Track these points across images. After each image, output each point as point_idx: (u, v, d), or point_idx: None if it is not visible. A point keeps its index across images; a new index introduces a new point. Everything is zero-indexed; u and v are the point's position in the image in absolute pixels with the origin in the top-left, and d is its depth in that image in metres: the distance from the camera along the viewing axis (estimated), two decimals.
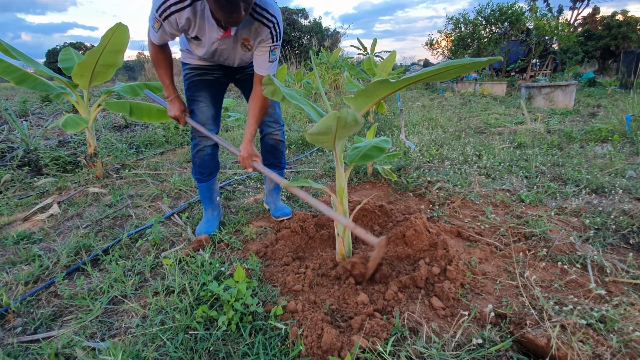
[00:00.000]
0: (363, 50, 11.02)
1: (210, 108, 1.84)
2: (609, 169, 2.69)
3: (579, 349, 1.01)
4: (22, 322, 1.31)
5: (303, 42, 21.11)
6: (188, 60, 1.81)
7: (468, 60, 0.98)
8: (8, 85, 15.81)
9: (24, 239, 1.93)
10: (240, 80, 1.96)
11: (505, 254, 1.62)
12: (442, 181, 2.52)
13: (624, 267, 1.47)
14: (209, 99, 1.84)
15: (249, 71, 1.89)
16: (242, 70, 1.91)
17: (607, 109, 5.85)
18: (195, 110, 1.82)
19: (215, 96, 1.86)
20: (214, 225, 1.95)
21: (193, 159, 1.92)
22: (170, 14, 1.40)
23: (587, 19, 20.41)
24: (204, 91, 1.82)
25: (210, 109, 1.84)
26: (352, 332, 1.14)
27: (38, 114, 6.05)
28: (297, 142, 3.98)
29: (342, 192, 1.50)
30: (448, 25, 14.46)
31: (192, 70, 1.80)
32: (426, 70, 1.06)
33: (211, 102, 1.84)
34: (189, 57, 1.80)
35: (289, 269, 1.53)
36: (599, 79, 12.18)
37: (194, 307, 1.28)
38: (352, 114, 1.10)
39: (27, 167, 3.13)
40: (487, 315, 1.18)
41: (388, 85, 1.12)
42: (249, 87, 1.88)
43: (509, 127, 4.65)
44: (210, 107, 1.83)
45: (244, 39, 1.57)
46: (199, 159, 1.89)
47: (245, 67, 1.90)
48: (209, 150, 1.88)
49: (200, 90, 1.81)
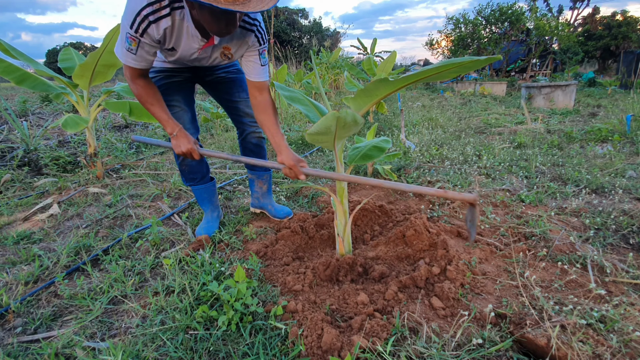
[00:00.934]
0: (363, 50, 11.01)
1: (187, 112, 1.71)
2: (609, 169, 2.69)
3: (579, 349, 1.01)
4: (22, 322, 1.31)
5: (303, 42, 21.11)
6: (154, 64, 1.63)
7: (467, 59, 0.98)
8: (8, 85, 15.81)
9: (24, 239, 1.93)
10: (210, 82, 1.81)
11: (505, 254, 1.62)
12: (442, 181, 2.52)
13: (624, 267, 1.47)
14: (182, 102, 1.69)
15: (220, 73, 1.77)
16: (212, 72, 1.77)
17: (607, 109, 5.85)
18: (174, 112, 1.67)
19: (187, 98, 1.73)
20: (214, 226, 1.93)
21: (180, 167, 1.81)
22: (148, 26, 1.23)
23: (587, 19, 20.41)
24: (175, 94, 1.67)
25: (186, 113, 1.70)
26: (352, 332, 1.14)
27: (38, 114, 6.05)
28: (297, 142, 3.98)
29: (342, 192, 1.50)
30: (448, 25, 14.47)
31: (157, 73, 1.64)
32: (426, 69, 1.06)
33: (185, 104, 1.71)
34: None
35: (289, 269, 1.53)
36: (599, 79, 12.18)
37: (194, 307, 1.28)
38: (351, 114, 1.10)
39: (27, 167, 3.13)
40: (487, 315, 1.18)
41: (387, 84, 1.12)
42: (220, 89, 1.80)
43: (509, 127, 4.65)
44: (187, 111, 1.71)
45: (224, 47, 1.48)
46: (186, 166, 1.80)
47: (216, 69, 1.77)
48: None
49: (171, 94, 1.66)
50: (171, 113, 1.59)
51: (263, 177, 2.06)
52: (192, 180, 1.86)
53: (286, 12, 21.67)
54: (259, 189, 2.09)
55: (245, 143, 1.95)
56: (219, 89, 1.82)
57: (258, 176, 2.05)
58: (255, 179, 2.06)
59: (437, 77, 1.12)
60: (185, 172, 1.83)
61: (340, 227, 1.55)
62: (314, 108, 1.55)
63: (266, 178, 2.07)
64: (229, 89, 1.82)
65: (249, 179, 2.09)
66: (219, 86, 1.81)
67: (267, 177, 2.07)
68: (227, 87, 1.82)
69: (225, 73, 1.79)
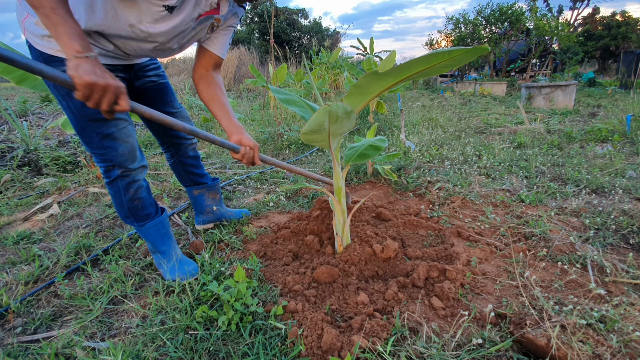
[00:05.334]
0: (363, 50, 11.01)
1: (132, 127, 1.29)
2: (609, 169, 2.69)
3: (579, 349, 1.01)
4: (22, 322, 1.31)
5: (303, 42, 21.11)
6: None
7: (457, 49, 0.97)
8: (8, 85, 15.81)
9: (24, 239, 1.93)
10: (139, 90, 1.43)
11: (505, 254, 1.62)
12: (442, 181, 2.52)
13: (624, 267, 1.47)
14: (127, 115, 1.28)
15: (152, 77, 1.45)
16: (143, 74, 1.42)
17: (607, 109, 5.85)
18: (116, 134, 1.21)
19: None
20: (190, 262, 1.53)
21: (129, 205, 1.34)
22: None
23: (587, 19, 20.40)
24: None
25: (133, 128, 1.29)
26: (352, 332, 1.14)
27: (38, 114, 6.05)
28: (297, 142, 3.98)
29: (340, 191, 1.50)
30: (448, 25, 14.46)
31: None
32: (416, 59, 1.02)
33: (129, 116, 1.31)
34: None
35: (289, 269, 1.53)
36: (599, 79, 12.18)
37: (194, 307, 1.28)
38: (342, 106, 1.08)
39: (27, 167, 3.13)
40: (487, 315, 1.18)
41: (379, 77, 1.08)
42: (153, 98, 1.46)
43: (509, 127, 4.65)
44: (132, 126, 1.29)
45: (216, 19, 1.23)
46: (139, 200, 1.36)
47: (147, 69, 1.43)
48: (144, 183, 1.38)
49: None
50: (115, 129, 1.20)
51: (214, 187, 1.85)
52: (146, 217, 1.41)
53: (286, 12, 21.68)
54: (212, 201, 1.84)
55: (182, 159, 1.70)
56: (152, 97, 1.47)
57: (208, 188, 1.81)
58: (206, 192, 1.81)
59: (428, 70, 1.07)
60: (138, 208, 1.37)
61: (339, 227, 1.55)
62: (310, 109, 1.55)
63: (217, 186, 1.88)
64: (163, 97, 1.50)
65: (195, 196, 1.81)
66: (151, 94, 1.47)
67: (218, 185, 1.88)
68: (162, 94, 1.50)
69: (157, 77, 1.48)
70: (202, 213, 1.90)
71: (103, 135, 1.19)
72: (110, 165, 1.26)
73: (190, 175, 1.78)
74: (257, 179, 2.89)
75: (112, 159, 1.24)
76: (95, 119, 1.16)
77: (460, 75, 14.82)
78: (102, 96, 0.94)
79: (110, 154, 1.23)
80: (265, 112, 5.87)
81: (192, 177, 1.78)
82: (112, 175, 1.28)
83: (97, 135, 1.18)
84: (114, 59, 1.23)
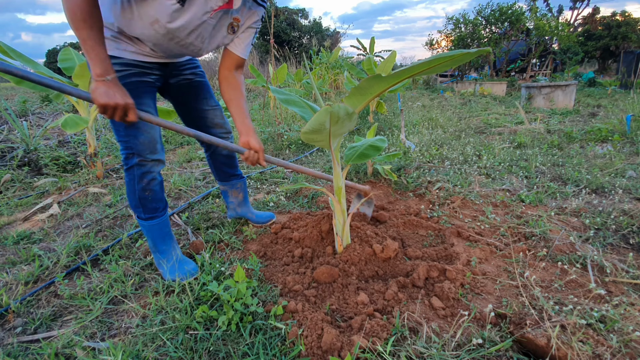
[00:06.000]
0: (363, 50, 11.02)
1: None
2: (609, 169, 2.69)
3: (579, 349, 1.01)
4: (22, 322, 1.31)
5: (303, 42, 21.11)
6: (114, 52, 1.27)
7: (458, 52, 0.98)
8: (8, 85, 15.80)
9: (24, 239, 1.93)
10: (175, 86, 1.52)
11: (505, 254, 1.62)
12: (442, 181, 2.52)
13: (624, 267, 1.47)
14: (153, 109, 1.39)
15: (187, 74, 1.53)
16: (179, 72, 1.51)
17: (607, 109, 5.85)
18: (139, 124, 1.32)
19: (155, 106, 1.43)
20: (190, 261, 1.56)
21: (140, 195, 1.41)
22: None
23: (587, 19, 20.40)
24: (146, 98, 1.36)
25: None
26: (352, 332, 1.14)
27: (38, 114, 6.05)
28: (297, 142, 3.98)
29: (340, 191, 1.50)
30: (448, 25, 14.46)
31: (126, 67, 1.29)
32: (418, 63, 1.05)
33: (154, 110, 1.40)
34: (116, 47, 1.27)
35: (289, 269, 1.53)
36: (599, 79, 12.19)
37: (194, 307, 1.28)
38: (343, 107, 1.09)
39: (27, 167, 3.13)
40: (487, 315, 1.18)
41: (380, 80, 1.10)
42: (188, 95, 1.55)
43: (509, 127, 4.65)
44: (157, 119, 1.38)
45: (235, 18, 1.29)
46: (150, 191, 1.43)
47: (184, 68, 1.52)
48: (159, 177, 1.46)
49: (142, 95, 1.33)
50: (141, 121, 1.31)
51: (237, 187, 1.90)
52: (154, 211, 1.47)
53: (286, 12, 21.67)
54: (235, 199, 1.93)
55: (215, 157, 1.77)
56: (187, 93, 1.55)
57: (231, 186, 1.89)
58: (229, 190, 1.90)
59: (429, 72, 1.10)
60: (147, 200, 1.44)
61: (339, 227, 1.55)
62: (310, 109, 1.55)
63: (240, 187, 1.91)
64: (198, 94, 1.58)
65: (222, 190, 1.92)
66: (185, 90, 1.55)
67: (241, 185, 1.91)
68: (197, 91, 1.58)
69: (193, 75, 1.56)
70: (228, 208, 2.01)
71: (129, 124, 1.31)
72: (130, 152, 1.37)
73: (219, 172, 1.86)
74: (257, 179, 2.89)
75: (133, 146, 1.35)
76: None
77: (460, 75, 14.82)
78: (113, 112, 1.16)
79: (131, 141, 1.34)
80: (265, 112, 5.87)
81: (221, 174, 1.87)
82: (130, 162, 1.38)
83: (123, 124, 1.30)
84: (150, 57, 1.36)
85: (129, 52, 1.30)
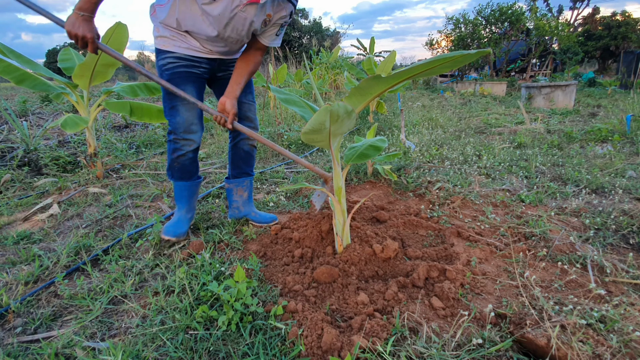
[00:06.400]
0: (363, 50, 11.02)
1: (197, 109, 1.67)
2: (609, 169, 2.69)
3: (579, 349, 1.01)
4: (22, 322, 1.30)
5: (303, 42, 21.11)
6: (171, 48, 1.56)
7: (458, 53, 0.98)
8: (8, 85, 15.81)
9: (24, 239, 1.93)
10: (221, 79, 1.78)
11: (505, 254, 1.62)
12: (442, 181, 2.52)
13: (624, 267, 1.47)
14: (195, 95, 1.64)
15: (231, 70, 1.74)
16: (227, 67, 1.76)
17: (607, 109, 5.85)
18: (179, 107, 1.62)
19: (200, 92, 1.69)
20: (183, 227, 1.82)
21: (171, 163, 1.74)
22: None
23: (587, 19, 20.41)
24: (189, 85, 1.62)
25: (196, 107, 1.66)
26: (352, 332, 1.14)
27: (38, 114, 6.05)
28: (297, 142, 3.98)
29: (340, 191, 1.50)
30: (448, 25, 14.47)
31: (177, 60, 1.58)
32: (418, 64, 1.06)
33: (197, 98, 1.65)
34: (172, 44, 1.56)
35: (289, 269, 1.53)
36: (599, 79, 12.19)
37: (194, 307, 1.28)
38: (343, 106, 1.09)
39: (27, 167, 3.13)
40: (487, 315, 1.18)
41: (380, 81, 1.11)
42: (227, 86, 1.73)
43: (509, 127, 4.65)
44: (197, 109, 1.67)
45: (267, 14, 1.46)
46: (178, 164, 1.74)
47: (231, 64, 1.76)
48: (190, 155, 1.74)
49: (187, 83, 1.61)
50: (180, 103, 1.61)
51: (243, 184, 1.97)
52: (180, 178, 1.79)
53: None
54: (239, 198, 1.98)
55: (236, 149, 1.91)
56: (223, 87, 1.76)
57: (238, 184, 1.96)
58: (234, 187, 1.97)
59: (429, 73, 1.11)
60: (175, 169, 1.75)
61: (339, 227, 1.55)
62: (310, 109, 1.55)
63: (247, 184, 1.98)
64: None
65: (227, 189, 2.00)
66: (224, 84, 1.76)
67: (247, 183, 1.98)
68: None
69: None
70: (230, 208, 2.04)
71: (171, 105, 1.64)
72: (170, 129, 1.69)
73: (235, 166, 1.95)
74: (257, 179, 2.89)
75: (171, 124, 1.67)
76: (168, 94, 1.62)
77: (460, 75, 14.82)
78: (76, 40, 1.37)
79: (171, 120, 1.66)
80: (265, 112, 5.87)
81: (235, 169, 1.95)
82: (169, 137, 1.71)
83: (168, 105, 1.64)
84: (199, 53, 1.61)
85: (182, 48, 1.57)
